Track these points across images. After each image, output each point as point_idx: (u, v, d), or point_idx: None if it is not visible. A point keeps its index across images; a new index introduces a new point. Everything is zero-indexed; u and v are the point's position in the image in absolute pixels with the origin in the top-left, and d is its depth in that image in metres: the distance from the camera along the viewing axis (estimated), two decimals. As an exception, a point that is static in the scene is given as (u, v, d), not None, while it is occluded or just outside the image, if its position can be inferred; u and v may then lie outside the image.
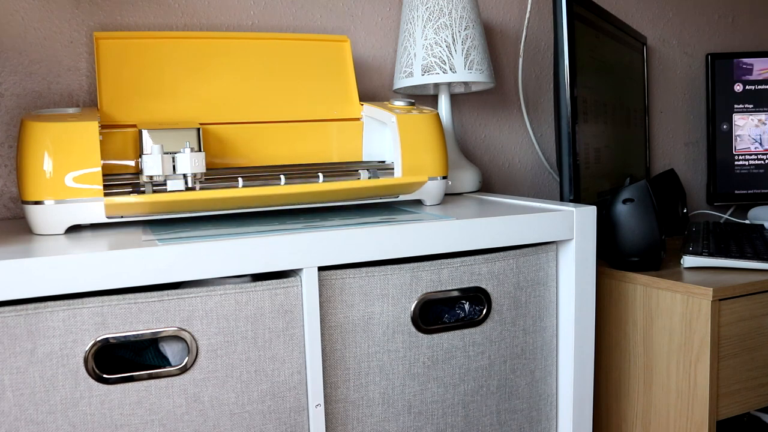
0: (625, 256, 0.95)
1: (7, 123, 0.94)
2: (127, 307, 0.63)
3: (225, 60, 0.92)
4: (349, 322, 0.73)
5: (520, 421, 0.84)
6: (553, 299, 0.85)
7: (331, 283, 0.72)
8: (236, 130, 0.88)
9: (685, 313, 0.88)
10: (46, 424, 0.61)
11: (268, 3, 1.09)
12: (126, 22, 1.00)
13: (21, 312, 0.60)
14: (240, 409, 0.68)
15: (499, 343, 0.81)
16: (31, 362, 0.60)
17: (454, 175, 1.09)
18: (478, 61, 1.06)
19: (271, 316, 0.69)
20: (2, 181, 0.94)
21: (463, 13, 1.05)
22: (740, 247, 1.00)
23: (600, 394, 1.02)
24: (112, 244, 0.65)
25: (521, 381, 0.84)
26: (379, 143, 0.93)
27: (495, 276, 0.80)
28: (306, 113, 0.94)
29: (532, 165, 1.37)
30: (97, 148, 0.72)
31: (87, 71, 0.98)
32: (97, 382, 0.63)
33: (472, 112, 1.29)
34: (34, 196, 0.71)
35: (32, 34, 0.95)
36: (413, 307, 0.76)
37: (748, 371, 0.90)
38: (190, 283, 0.68)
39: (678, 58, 1.57)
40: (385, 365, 0.75)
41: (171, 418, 0.66)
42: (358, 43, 1.17)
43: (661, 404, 0.92)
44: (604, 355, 1.01)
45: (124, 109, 0.85)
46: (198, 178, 0.78)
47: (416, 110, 0.91)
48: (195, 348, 0.66)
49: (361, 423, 0.75)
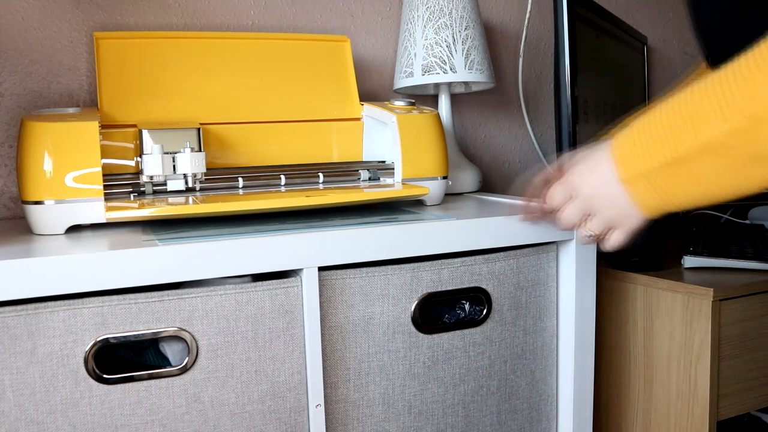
0: (625, 256, 0.94)
1: (7, 123, 0.94)
2: (127, 307, 0.63)
3: (225, 60, 0.92)
4: (349, 322, 0.73)
5: (520, 421, 0.84)
6: (554, 299, 0.85)
7: (331, 283, 0.72)
8: (236, 130, 0.88)
9: (686, 314, 0.88)
10: (46, 424, 0.61)
11: (268, 3, 1.09)
12: (126, 22, 1.00)
13: (21, 312, 0.60)
14: (240, 409, 0.68)
15: (499, 343, 0.81)
16: (31, 362, 0.60)
17: (454, 175, 1.09)
18: (478, 61, 1.06)
19: (272, 316, 0.69)
20: (2, 181, 0.94)
21: (463, 13, 1.05)
22: (740, 248, 1.00)
23: (600, 394, 1.02)
24: (112, 244, 0.65)
25: (521, 381, 0.84)
26: (379, 143, 0.93)
27: (495, 276, 0.80)
28: (306, 113, 0.94)
29: (532, 165, 1.36)
30: (97, 148, 0.72)
31: (87, 71, 0.98)
32: (97, 382, 0.63)
33: (472, 112, 1.29)
34: (34, 196, 0.71)
35: (32, 34, 0.95)
36: (413, 307, 0.76)
37: (749, 371, 0.90)
38: (190, 283, 0.68)
39: (678, 58, 1.57)
40: (386, 365, 0.75)
41: (171, 418, 0.66)
42: (358, 43, 1.17)
43: (661, 404, 0.92)
44: (604, 356, 1.00)
45: (124, 109, 0.85)
46: (198, 178, 0.78)
47: (416, 110, 0.91)
48: (195, 348, 0.66)
49: (362, 423, 0.75)
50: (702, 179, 0.51)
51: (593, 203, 0.60)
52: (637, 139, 0.55)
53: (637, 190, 0.56)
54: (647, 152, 0.53)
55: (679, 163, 0.52)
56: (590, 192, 0.60)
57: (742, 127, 0.48)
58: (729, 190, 0.51)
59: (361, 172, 0.88)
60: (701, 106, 0.50)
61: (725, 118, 0.48)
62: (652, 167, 0.53)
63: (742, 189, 0.51)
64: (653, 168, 0.53)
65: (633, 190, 0.56)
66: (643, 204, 0.57)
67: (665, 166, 0.53)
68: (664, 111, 0.53)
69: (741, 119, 0.47)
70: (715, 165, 0.50)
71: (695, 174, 0.51)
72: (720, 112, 0.49)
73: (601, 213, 0.61)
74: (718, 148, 0.49)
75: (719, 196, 0.53)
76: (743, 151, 0.48)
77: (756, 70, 0.47)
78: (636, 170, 0.55)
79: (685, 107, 0.51)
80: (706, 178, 0.51)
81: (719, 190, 0.52)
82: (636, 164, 0.55)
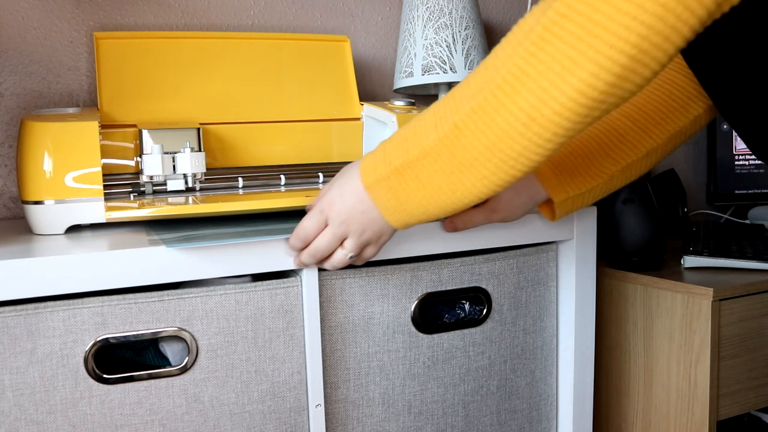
0: (625, 256, 0.94)
1: (7, 123, 0.94)
2: (127, 307, 0.63)
3: (225, 60, 0.92)
4: (349, 322, 0.73)
5: (520, 421, 0.84)
6: (554, 299, 0.85)
7: (331, 283, 0.72)
8: (236, 130, 0.88)
9: (686, 313, 0.88)
10: (46, 424, 0.61)
11: (268, 3, 1.09)
12: (126, 22, 1.00)
13: (21, 312, 0.60)
14: (240, 409, 0.68)
15: (499, 343, 0.81)
16: (31, 362, 0.60)
17: (454, 175, 1.09)
18: (478, 60, 1.06)
19: (272, 316, 0.69)
20: (2, 181, 0.94)
21: (463, 13, 1.05)
22: (740, 247, 1.00)
23: (600, 394, 1.02)
24: (112, 244, 0.65)
25: (521, 381, 0.84)
26: (379, 143, 0.93)
27: (495, 276, 0.80)
28: (306, 113, 0.94)
29: (533, 165, 1.36)
30: (97, 148, 0.72)
31: (87, 71, 0.98)
32: (97, 382, 0.63)
33: (472, 112, 1.29)
34: (34, 196, 0.71)
35: (32, 34, 0.95)
36: (413, 307, 0.76)
37: (749, 371, 0.90)
38: (190, 283, 0.68)
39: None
40: (386, 365, 0.75)
41: (171, 418, 0.66)
42: (358, 43, 1.17)
43: (661, 404, 0.92)
44: (604, 355, 1.01)
45: (124, 109, 0.85)
46: (198, 178, 0.78)
47: (416, 110, 0.91)
48: (195, 348, 0.66)
49: (361, 423, 0.75)
50: (425, 183, 0.57)
51: (347, 226, 0.63)
52: (380, 151, 0.61)
53: (378, 194, 0.60)
54: (386, 160, 0.59)
55: (407, 168, 0.58)
56: (343, 216, 0.62)
57: (448, 135, 0.54)
58: (447, 197, 0.57)
59: (361, 172, 0.88)
60: (428, 120, 0.57)
61: (436, 127, 0.55)
62: (388, 171, 0.59)
63: (459, 196, 0.57)
64: (389, 172, 0.59)
65: (374, 195, 0.60)
66: (385, 209, 0.61)
67: (398, 170, 0.58)
68: (404, 127, 0.60)
69: (448, 129, 0.54)
70: (432, 170, 0.56)
71: (420, 179, 0.57)
72: (434, 123, 0.56)
73: (354, 232, 0.63)
74: (432, 153, 0.56)
75: (441, 204, 0.58)
76: (452, 157, 0.55)
77: (464, 84, 0.55)
78: (376, 175, 0.60)
79: (417, 122, 0.58)
80: (428, 182, 0.57)
81: (439, 195, 0.57)
82: (376, 170, 0.60)
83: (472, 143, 0.53)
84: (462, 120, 0.54)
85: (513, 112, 0.50)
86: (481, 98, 0.52)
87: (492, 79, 0.51)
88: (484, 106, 0.52)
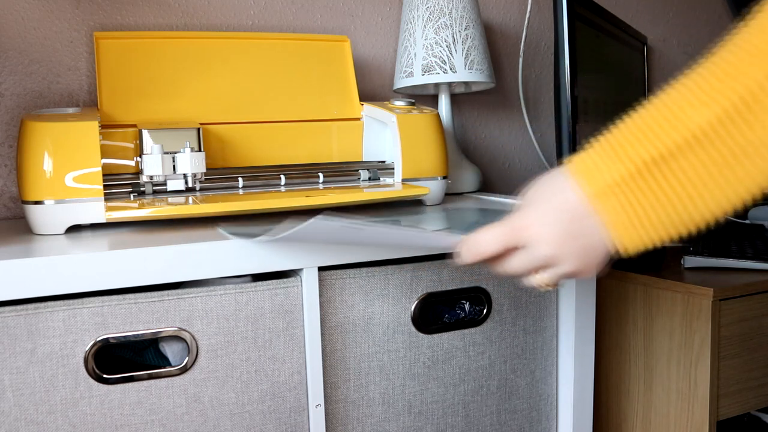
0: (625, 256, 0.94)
1: (7, 123, 0.94)
2: (127, 307, 0.63)
3: (225, 60, 0.92)
4: (349, 322, 0.73)
5: (520, 421, 0.84)
6: (553, 299, 0.85)
7: (331, 283, 0.72)
8: (236, 130, 0.88)
9: (686, 313, 0.88)
10: (46, 424, 0.61)
11: (268, 3, 1.09)
12: (126, 22, 1.00)
13: (21, 312, 0.60)
14: (240, 409, 0.68)
15: (499, 343, 0.81)
16: (31, 362, 0.60)
17: (454, 175, 1.09)
18: (478, 61, 1.06)
19: (272, 316, 0.69)
20: (2, 181, 0.94)
21: (463, 13, 1.05)
22: (740, 247, 1.00)
23: (600, 394, 1.02)
24: (112, 244, 0.65)
25: (521, 381, 0.84)
26: (379, 143, 0.93)
27: (495, 276, 0.80)
28: (306, 113, 0.94)
29: (532, 165, 1.36)
30: (97, 148, 0.72)
31: (87, 71, 0.98)
32: (97, 382, 0.63)
33: (472, 112, 1.29)
34: (34, 196, 0.71)
35: (32, 34, 0.95)
36: (413, 307, 0.76)
37: (749, 371, 0.90)
38: (190, 283, 0.68)
39: (678, 58, 1.57)
40: (386, 365, 0.75)
41: (171, 418, 0.66)
42: (358, 43, 1.17)
43: (661, 404, 0.92)
44: (604, 355, 1.00)
45: (124, 109, 0.85)
46: (198, 178, 0.78)
47: (416, 110, 0.91)
48: (195, 348, 0.66)
49: (361, 423, 0.75)
50: (689, 180, 0.43)
51: (552, 260, 0.50)
52: (603, 148, 0.46)
53: (610, 205, 0.46)
54: (620, 157, 0.45)
55: (661, 162, 0.44)
56: (548, 243, 0.49)
57: (730, 112, 0.41)
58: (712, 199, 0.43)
59: (361, 172, 0.88)
60: (686, 96, 0.43)
61: (709, 103, 0.42)
62: (630, 171, 0.44)
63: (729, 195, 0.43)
64: (632, 172, 0.44)
65: (605, 206, 0.46)
66: (619, 225, 0.46)
67: (647, 167, 0.44)
68: (638, 113, 0.46)
69: (729, 103, 0.41)
70: (702, 161, 0.43)
71: (685, 174, 0.43)
72: (702, 99, 0.42)
73: (560, 267, 0.50)
74: (705, 137, 0.42)
75: (701, 210, 0.44)
76: (735, 141, 0.42)
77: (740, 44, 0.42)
78: (608, 179, 0.45)
79: (663, 102, 0.44)
80: (694, 179, 0.43)
81: (702, 196, 0.43)
82: (608, 171, 0.45)
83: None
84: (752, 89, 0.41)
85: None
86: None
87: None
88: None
